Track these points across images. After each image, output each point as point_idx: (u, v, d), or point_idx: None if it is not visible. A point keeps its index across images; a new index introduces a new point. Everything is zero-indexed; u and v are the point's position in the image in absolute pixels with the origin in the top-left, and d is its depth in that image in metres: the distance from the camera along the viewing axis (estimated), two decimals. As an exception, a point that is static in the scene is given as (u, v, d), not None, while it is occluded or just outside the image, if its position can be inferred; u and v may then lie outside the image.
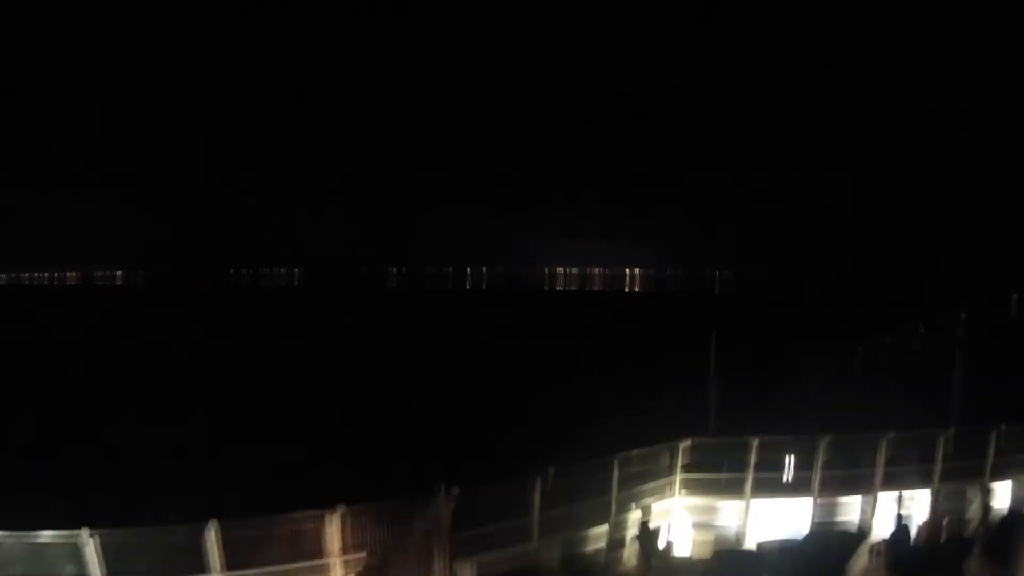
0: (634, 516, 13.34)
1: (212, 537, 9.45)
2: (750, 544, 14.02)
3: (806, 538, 13.52)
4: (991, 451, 16.00)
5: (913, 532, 13.48)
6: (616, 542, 13.14)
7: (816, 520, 14.58)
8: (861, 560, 12.63)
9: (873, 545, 13.22)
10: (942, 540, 13.09)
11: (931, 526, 13.50)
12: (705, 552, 13.62)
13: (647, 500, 13.56)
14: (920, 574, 12.07)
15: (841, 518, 14.95)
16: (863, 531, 14.76)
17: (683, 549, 13.41)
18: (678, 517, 13.98)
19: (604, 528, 13.07)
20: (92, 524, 9.36)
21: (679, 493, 14.18)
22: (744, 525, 14.31)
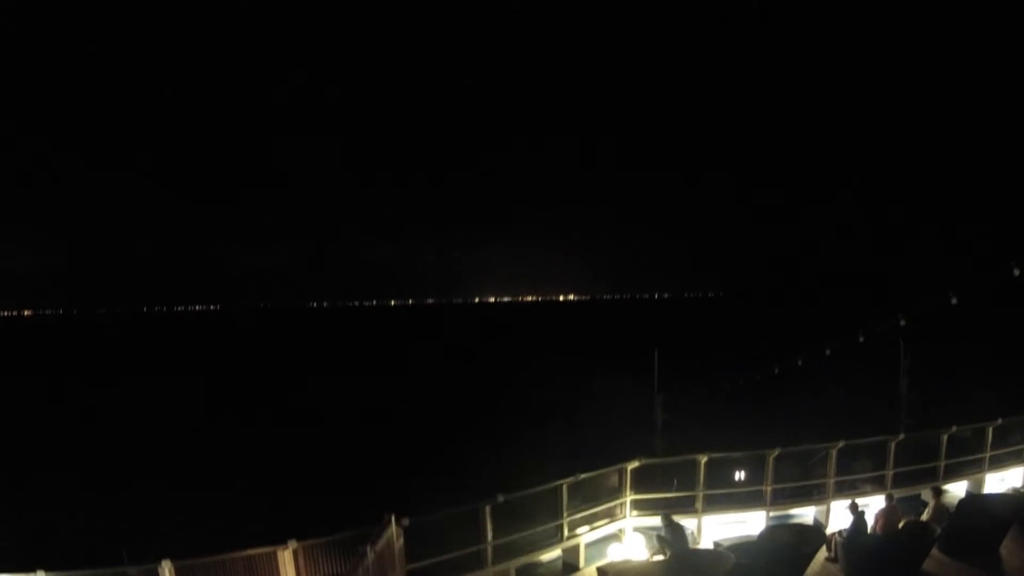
0: (585, 538, 13.63)
1: (166, 576, 9.52)
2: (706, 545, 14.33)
3: (763, 533, 13.72)
4: (943, 454, 16.57)
5: (871, 522, 13.89)
6: (569, 565, 13.42)
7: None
8: (820, 548, 12.97)
9: (831, 534, 13.58)
10: (900, 527, 13.50)
11: (888, 514, 13.87)
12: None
13: (598, 522, 13.84)
14: (878, 560, 12.41)
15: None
16: (820, 524, 15.18)
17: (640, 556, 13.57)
18: (630, 536, 14.21)
19: (557, 552, 13.37)
20: (45, 566, 9.38)
21: (630, 514, 14.46)
22: (698, 539, 14.62)
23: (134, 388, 69.62)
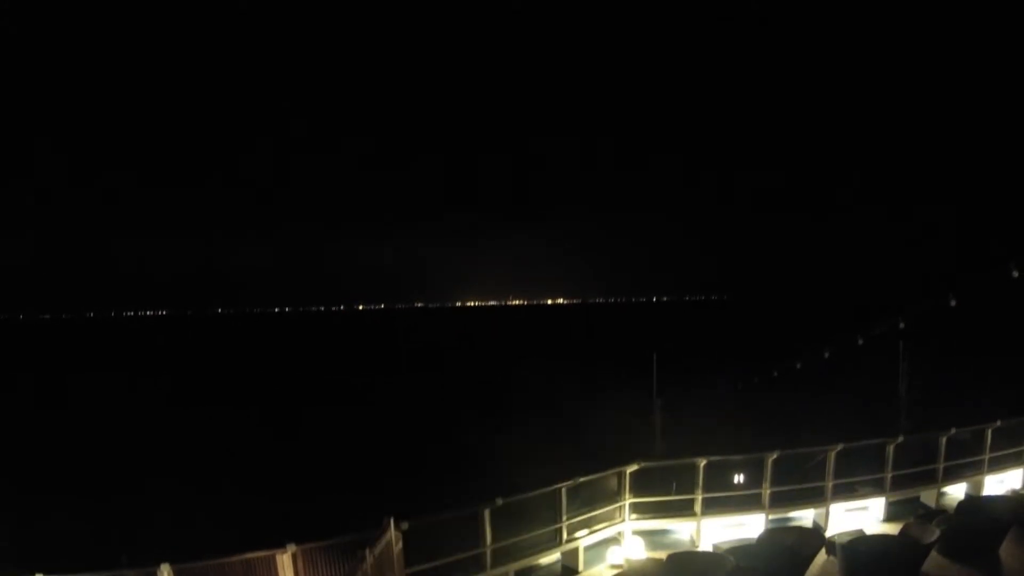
0: (584, 541, 13.60)
1: (164, 579, 9.50)
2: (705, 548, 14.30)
3: (762, 536, 13.70)
4: (942, 456, 16.56)
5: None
6: (568, 568, 13.40)
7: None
8: (819, 553, 12.96)
9: (830, 538, 13.56)
10: (898, 534, 13.47)
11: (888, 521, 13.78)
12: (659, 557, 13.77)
13: (597, 525, 13.82)
14: (878, 562, 12.40)
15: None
16: (819, 526, 15.16)
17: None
18: (629, 540, 14.19)
19: (556, 555, 13.37)
20: (44, 569, 9.37)
21: (629, 517, 14.45)
22: (697, 542, 14.61)
23: (133, 389, 69.63)
